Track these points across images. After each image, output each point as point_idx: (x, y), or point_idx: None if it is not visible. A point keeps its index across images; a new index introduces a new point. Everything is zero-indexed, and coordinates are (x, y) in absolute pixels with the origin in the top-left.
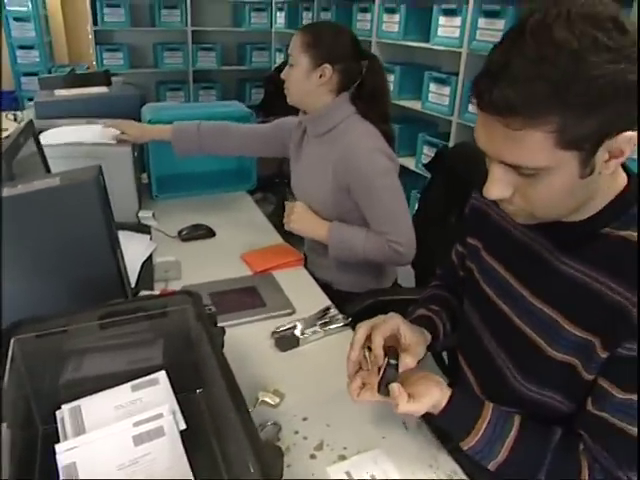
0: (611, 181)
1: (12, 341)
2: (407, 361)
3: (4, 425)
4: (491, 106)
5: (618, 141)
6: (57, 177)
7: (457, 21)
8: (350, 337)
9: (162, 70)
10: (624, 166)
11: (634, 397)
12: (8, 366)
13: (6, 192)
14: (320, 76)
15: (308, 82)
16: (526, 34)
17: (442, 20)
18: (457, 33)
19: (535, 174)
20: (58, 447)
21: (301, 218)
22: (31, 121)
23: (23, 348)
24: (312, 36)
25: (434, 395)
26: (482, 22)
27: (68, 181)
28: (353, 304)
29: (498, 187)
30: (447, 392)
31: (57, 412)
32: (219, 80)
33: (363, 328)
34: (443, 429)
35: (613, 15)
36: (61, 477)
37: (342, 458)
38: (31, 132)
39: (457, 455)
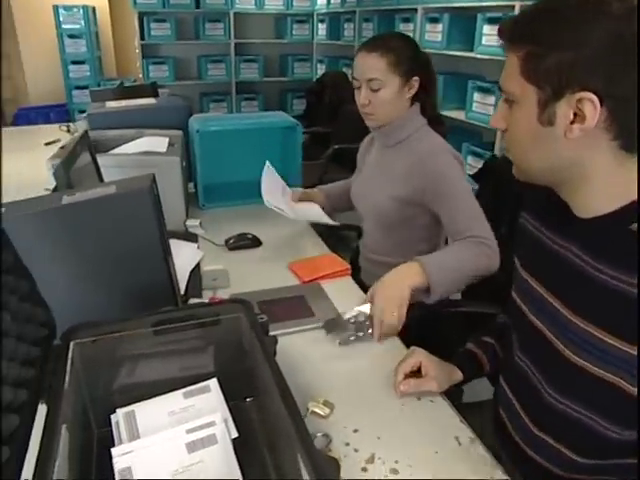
0: (617, 174)
1: (71, 345)
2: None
3: (64, 427)
4: (498, 34)
5: (580, 99)
6: (113, 185)
7: None
8: (399, 349)
9: (206, 82)
10: None
11: None
12: (68, 369)
13: (65, 200)
14: (409, 89)
15: (401, 99)
16: None
17: (486, 29)
18: None
19: (512, 103)
20: (114, 451)
21: (384, 295)
22: (86, 132)
23: (81, 352)
24: (394, 54)
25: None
26: None
27: (124, 189)
28: None
29: (497, 116)
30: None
31: (112, 416)
32: (261, 91)
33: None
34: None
35: None
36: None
37: (394, 472)
38: (86, 143)
39: (514, 473)
